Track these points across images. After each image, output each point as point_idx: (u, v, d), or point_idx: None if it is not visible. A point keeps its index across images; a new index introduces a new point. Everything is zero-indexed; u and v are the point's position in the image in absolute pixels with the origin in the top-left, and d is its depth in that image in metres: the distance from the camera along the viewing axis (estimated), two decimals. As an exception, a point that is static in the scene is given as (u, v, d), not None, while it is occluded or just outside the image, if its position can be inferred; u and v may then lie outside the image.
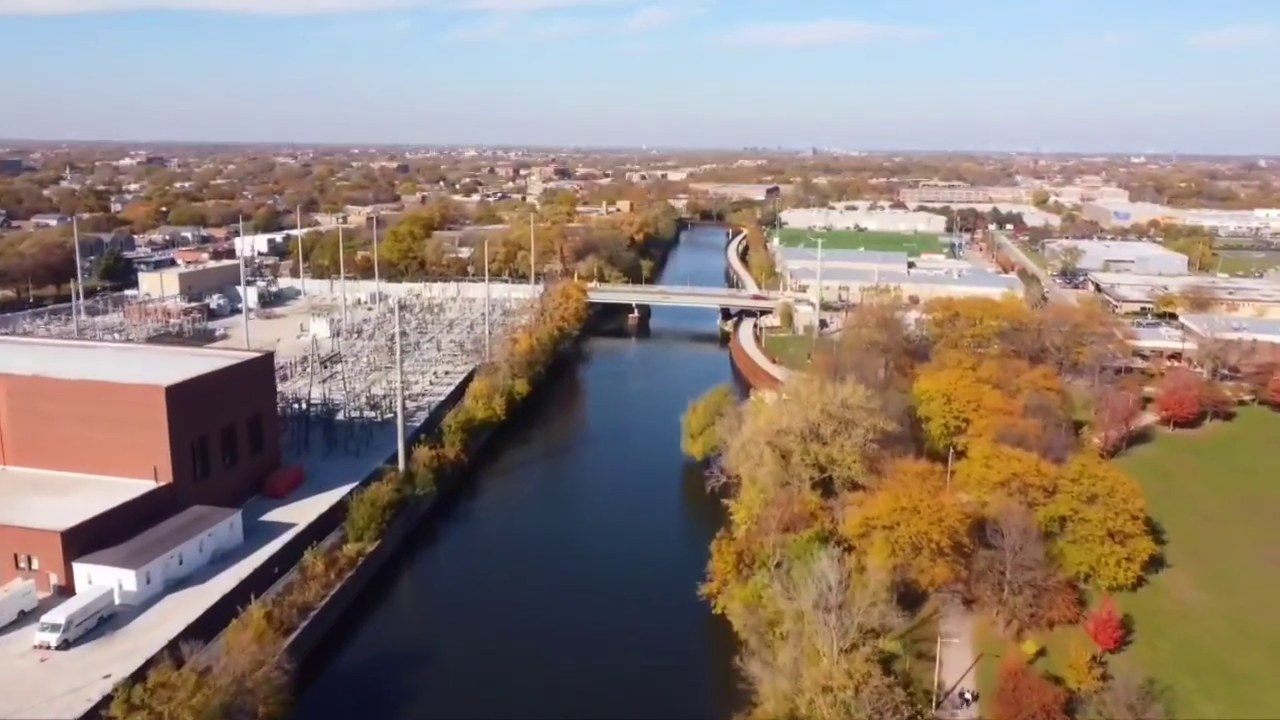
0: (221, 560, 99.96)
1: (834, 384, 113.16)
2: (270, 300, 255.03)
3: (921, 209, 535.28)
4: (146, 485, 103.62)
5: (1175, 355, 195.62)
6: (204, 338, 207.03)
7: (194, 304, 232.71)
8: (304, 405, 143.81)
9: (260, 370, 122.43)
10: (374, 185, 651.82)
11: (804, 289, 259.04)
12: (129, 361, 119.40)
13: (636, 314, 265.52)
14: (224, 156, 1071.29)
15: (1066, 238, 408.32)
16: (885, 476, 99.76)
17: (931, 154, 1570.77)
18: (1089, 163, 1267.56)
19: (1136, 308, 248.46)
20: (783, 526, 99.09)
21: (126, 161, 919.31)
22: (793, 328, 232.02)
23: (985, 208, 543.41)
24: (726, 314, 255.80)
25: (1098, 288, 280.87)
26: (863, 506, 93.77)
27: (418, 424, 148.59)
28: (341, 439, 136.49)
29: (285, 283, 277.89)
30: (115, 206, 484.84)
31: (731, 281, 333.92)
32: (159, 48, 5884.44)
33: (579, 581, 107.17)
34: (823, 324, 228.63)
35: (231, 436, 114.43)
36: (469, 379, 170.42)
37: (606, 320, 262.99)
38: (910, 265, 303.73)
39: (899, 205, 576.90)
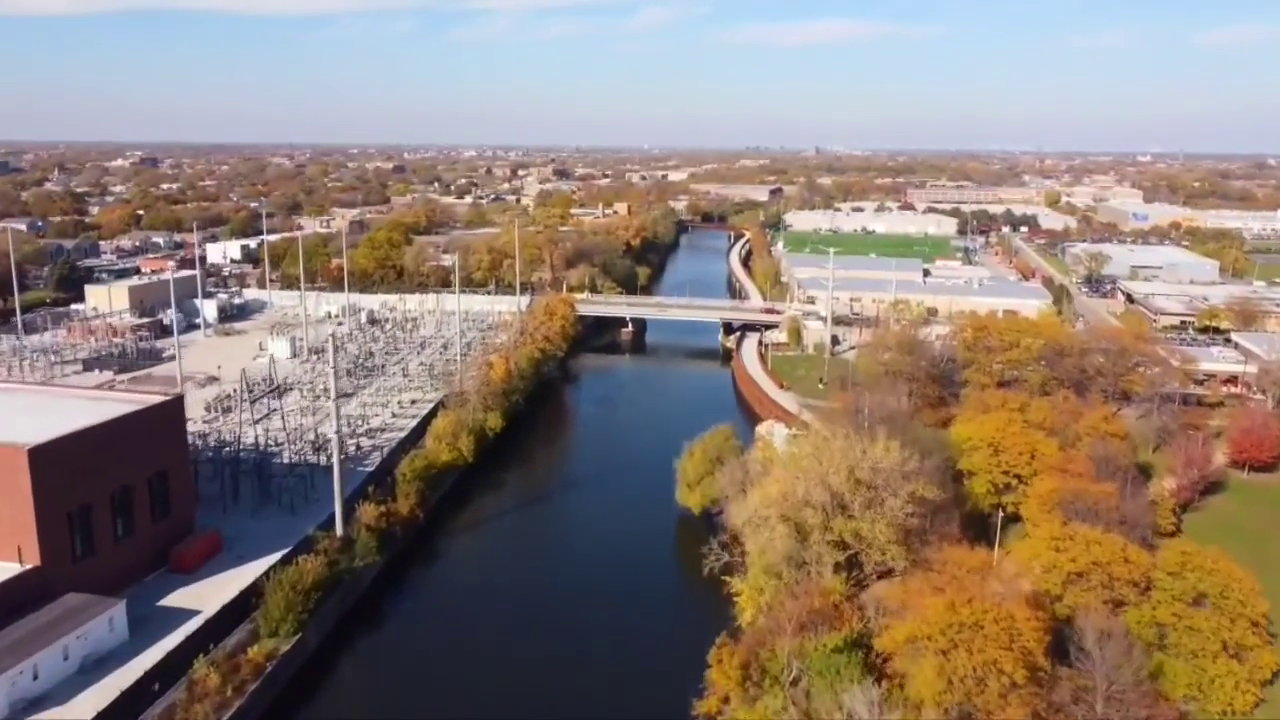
0: (95, 668, 79.27)
1: (860, 436, 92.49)
2: (232, 314, 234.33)
3: (931, 210, 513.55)
4: (9, 569, 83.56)
5: (1230, 379, 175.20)
6: (151, 359, 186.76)
7: (145, 320, 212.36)
8: (234, 449, 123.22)
9: (167, 417, 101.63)
10: (365, 187, 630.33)
11: (812, 300, 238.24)
12: (2, 408, 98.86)
13: (631, 328, 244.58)
14: (220, 157, 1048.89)
15: (1085, 241, 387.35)
16: (930, 565, 79.01)
17: (935, 153, 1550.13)
18: (1095, 161, 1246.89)
19: (1175, 321, 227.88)
20: (799, 624, 78.66)
21: (118, 163, 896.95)
22: (801, 345, 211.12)
23: (996, 209, 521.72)
24: (729, 328, 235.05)
25: (1129, 298, 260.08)
26: (905, 610, 72.98)
27: (371, 467, 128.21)
28: (276, 491, 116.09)
29: (252, 294, 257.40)
30: (95, 209, 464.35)
31: (734, 290, 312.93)
32: (159, 48, 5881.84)
33: (548, 687, 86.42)
34: (834, 340, 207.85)
35: (127, 501, 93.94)
36: (437, 410, 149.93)
37: (598, 334, 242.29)
38: (925, 273, 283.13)
39: (907, 206, 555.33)
